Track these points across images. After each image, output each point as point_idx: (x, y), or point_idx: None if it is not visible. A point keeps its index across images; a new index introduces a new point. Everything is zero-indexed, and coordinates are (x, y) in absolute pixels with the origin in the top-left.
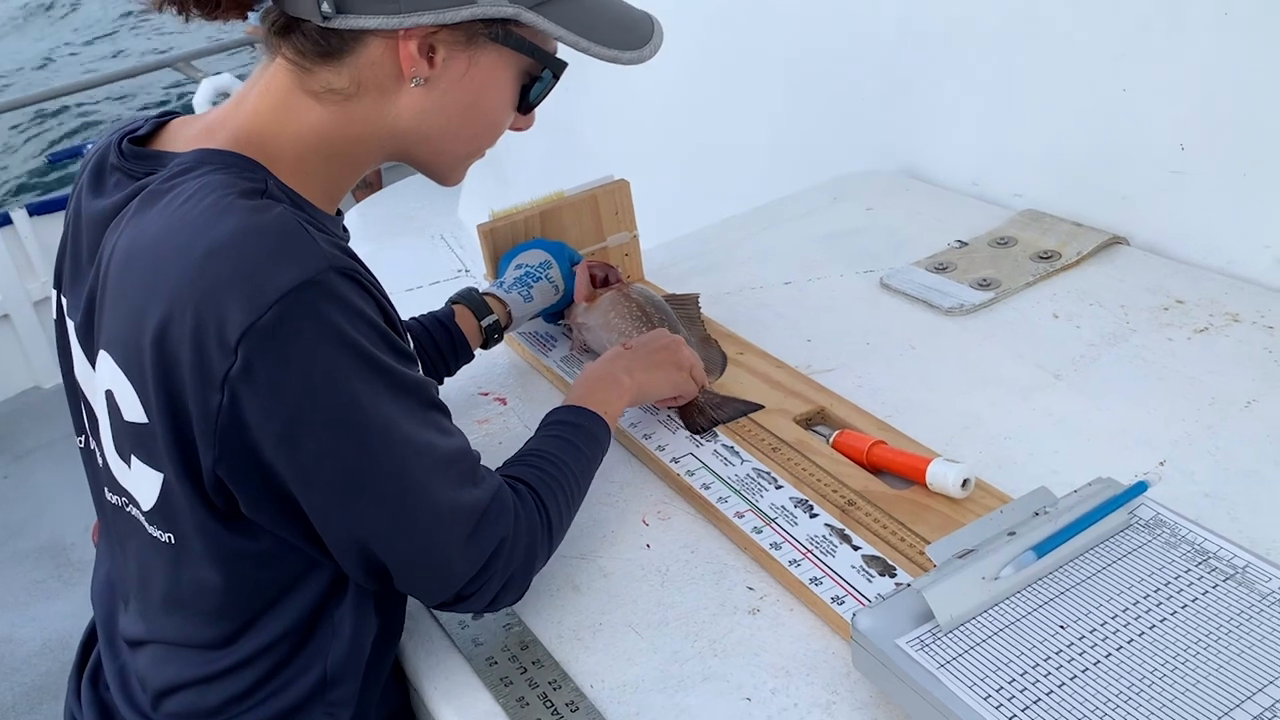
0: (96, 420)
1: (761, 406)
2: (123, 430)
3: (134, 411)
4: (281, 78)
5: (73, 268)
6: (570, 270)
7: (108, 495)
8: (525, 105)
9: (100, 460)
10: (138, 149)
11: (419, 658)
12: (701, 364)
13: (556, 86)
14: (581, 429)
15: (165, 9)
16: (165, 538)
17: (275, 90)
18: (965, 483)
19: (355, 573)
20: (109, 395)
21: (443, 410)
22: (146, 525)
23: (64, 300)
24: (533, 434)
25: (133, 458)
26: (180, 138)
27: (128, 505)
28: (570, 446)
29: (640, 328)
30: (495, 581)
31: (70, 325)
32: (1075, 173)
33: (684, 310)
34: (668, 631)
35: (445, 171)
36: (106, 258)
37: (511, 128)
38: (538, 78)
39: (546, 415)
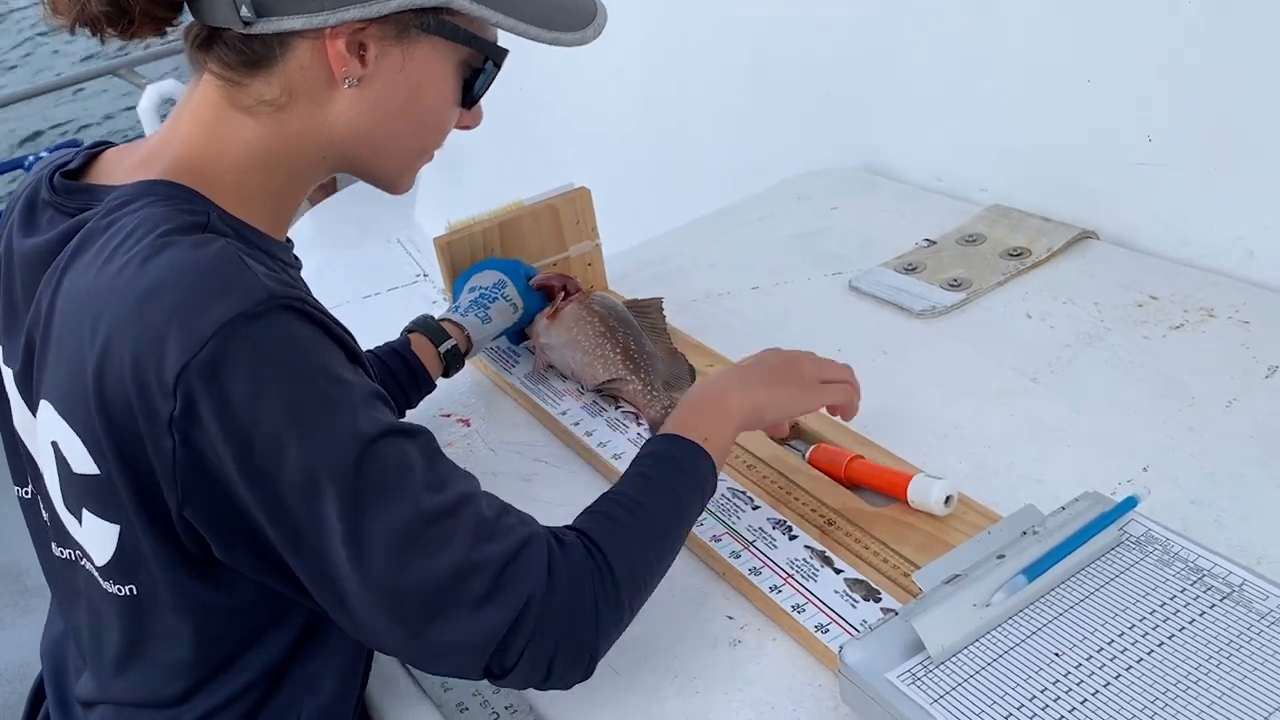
0: (40, 472)
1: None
2: (71, 483)
3: (83, 463)
4: (210, 95)
5: (6, 312)
6: (527, 286)
7: (55, 550)
8: (469, 99)
9: (45, 514)
10: (70, 184)
11: (385, 704)
12: (836, 373)
13: (515, 87)
14: (674, 462)
15: (78, 30)
16: (124, 590)
17: (206, 110)
18: (948, 499)
19: (348, 629)
20: (54, 446)
21: (424, 449)
22: (101, 580)
23: None
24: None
25: (84, 511)
26: (118, 169)
27: (80, 559)
28: (654, 486)
29: (604, 343)
30: (535, 651)
31: (7, 372)
32: (1041, 166)
33: (647, 319)
34: (646, 668)
35: (392, 177)
36: (46, 302)
37: (458, 126)
38: (479, 69)
39: (644, 446)
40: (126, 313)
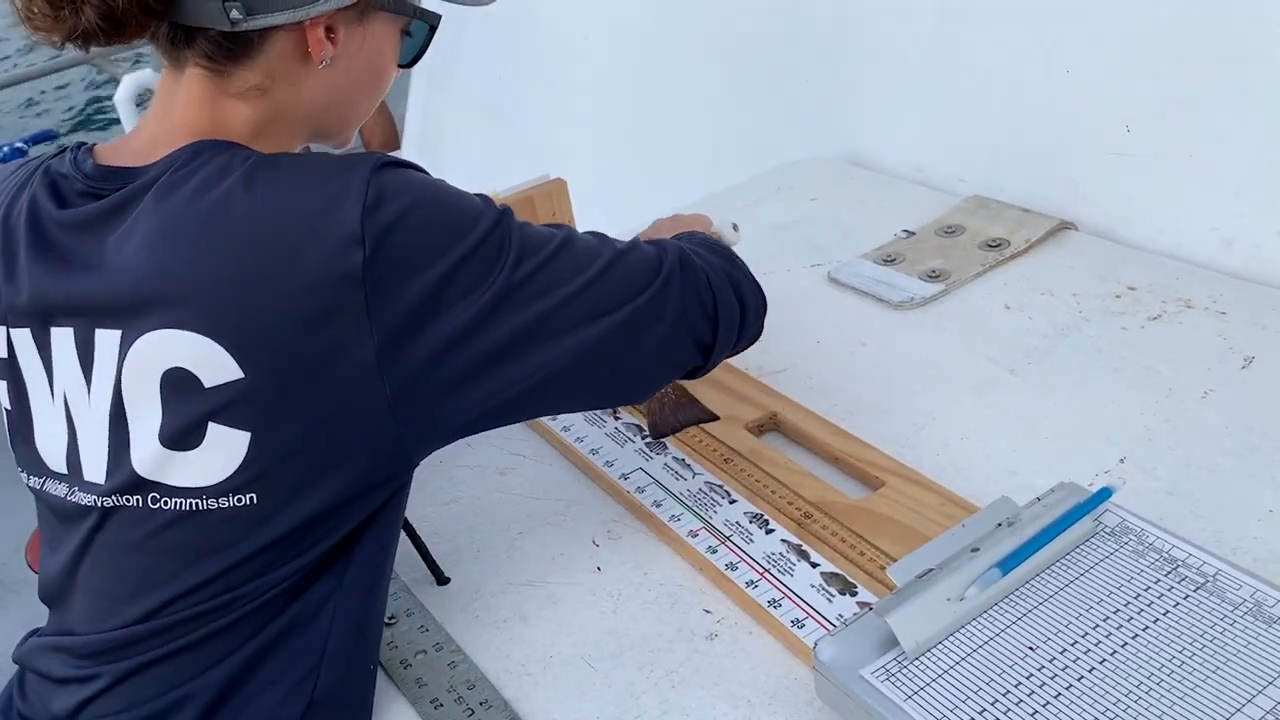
0: (80, 442)
1: (717, 418)
2: (193, 405)
3: (221, 372)
4: (201, 84)
5: (52, 270)
6: None
7: (117, 499)
8: (410, 62)
9: (103, 463)
10: (103, 168)
11: None
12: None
13: (495, 78)
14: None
15: (67, 46)
16: (244, 499)
17: (200, 98)
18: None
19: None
20: (169, 376)
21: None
22: (206, 501)
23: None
24: None
25: (210, 426)
26: (125, 155)
27: (159, 499)
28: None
29: None
30: (705, 282)
31: (52, 336)
32: (1020, 157)
33: None
34: (622, 662)
35: (347, 137)
36: (132, 249)
37: None
38: (407, 32)
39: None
40: (279, 207)
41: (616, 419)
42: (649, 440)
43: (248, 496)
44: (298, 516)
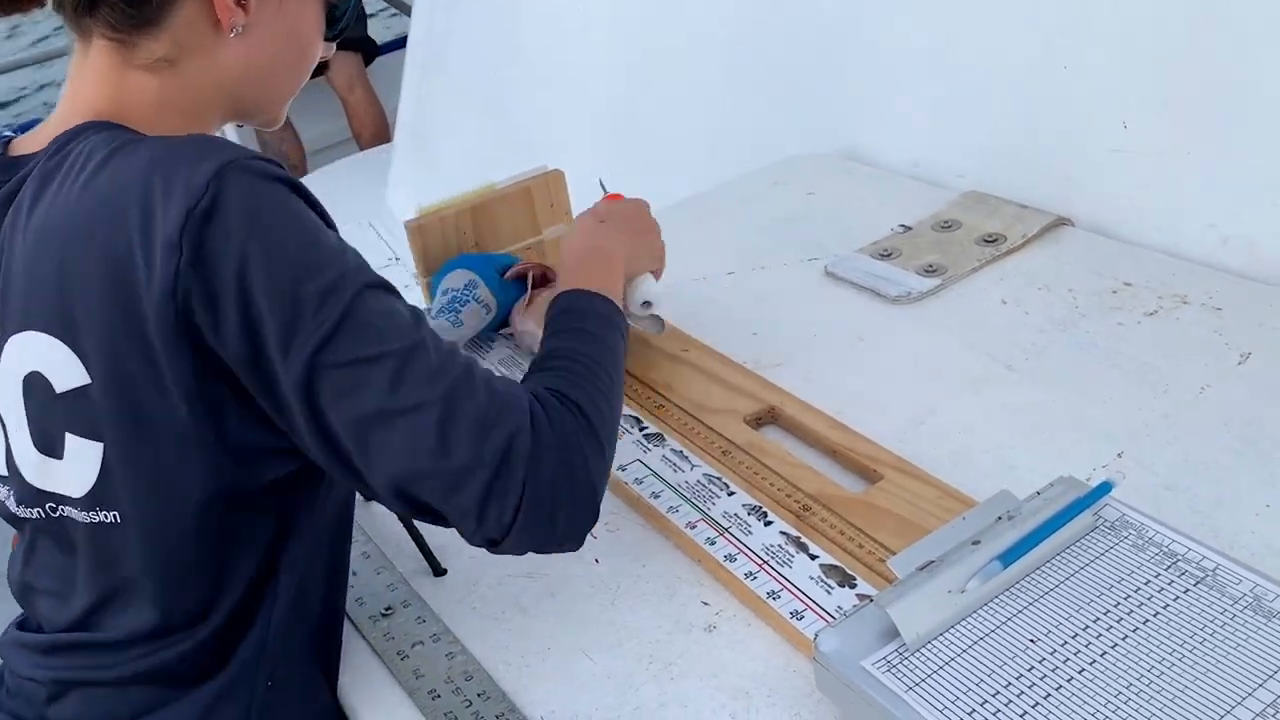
0: (4, 426)
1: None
2: (53, 410)
3: (70, 378)
4: (106, 58)
5: None
6: (501, 279)
7: (21, 511)
8: (333, 33)
9: (7, 486)
10: (7, 159)
11: (356, 692)
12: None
13: (491, 70)
14: (590, 314)
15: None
16: (109, 517)
17: (105, 73)
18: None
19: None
20: (30, 381)
21: (403, 303)
22: (80, 514)
23: None
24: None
25: (67, 437)
26: (34, 144)
27: (55, 509)
28: (585, 336)
29: None
30: (533, 490)
31: None
32: (1017, 152)
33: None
34: (621, 654)
35: (275, 115)
36: (7, 247)
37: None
38: (336, 3)
39: (547, 311)
40: (117, 197)
41: None
42: (647, 432)
43: (110, 514)
44: (174, 535)
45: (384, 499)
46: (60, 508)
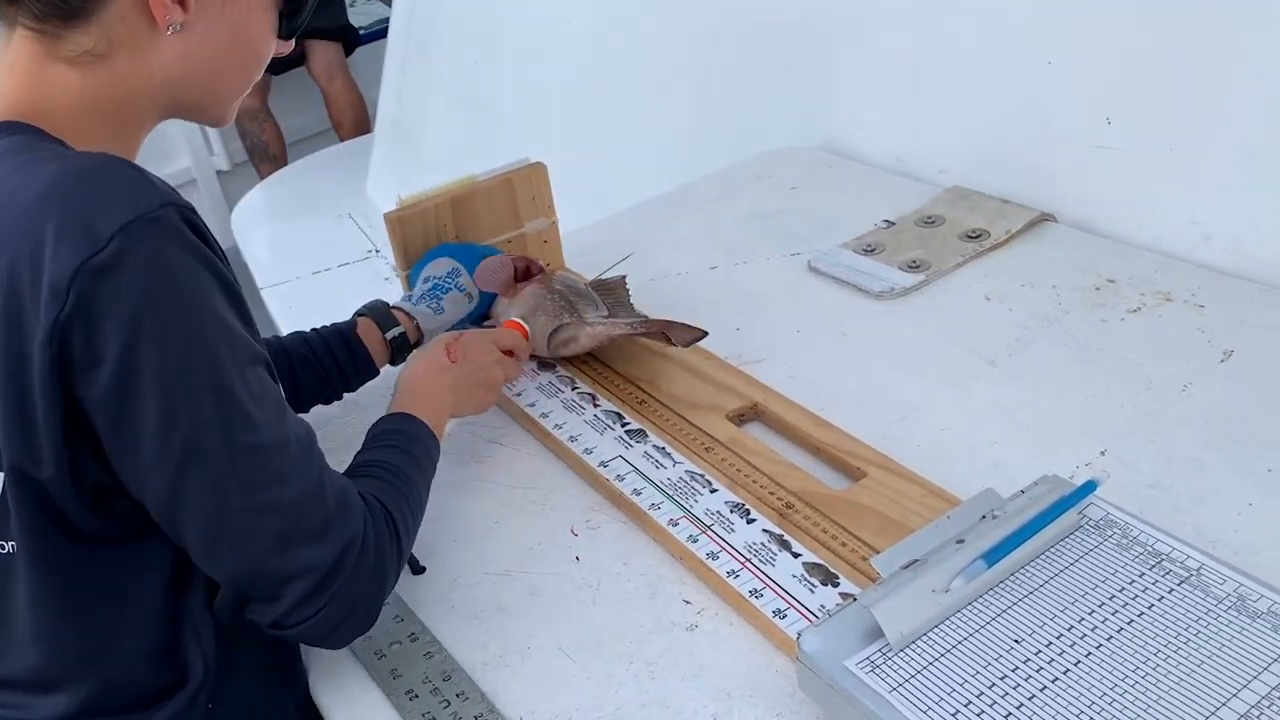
0: None
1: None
2: None
3: None
4: (27, 49)
5: None
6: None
7: None
8: (288, 30)
9: None
10: None
11: (331, 693)
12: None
13: (473, 62)
14: (418, 441)
15: None
16: (7, 546)
17: (25, 64)
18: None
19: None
20: None
21: (275, 387)
22: None
23: None
24: (362, 445)
25: None
26: None
27: None
28: (410, 459)
29: (560, 317)
30: (340, 600)
31: None
32: (1000, 147)
33: (613, 296)
34: (601, 653)
35: (220, 114)
36: None
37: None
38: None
39: (375, 425)
40: (13, 224)
41: (596, 406)
42: (629, 428)
43: (9, 544)
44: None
45: (211, 573)
46: None
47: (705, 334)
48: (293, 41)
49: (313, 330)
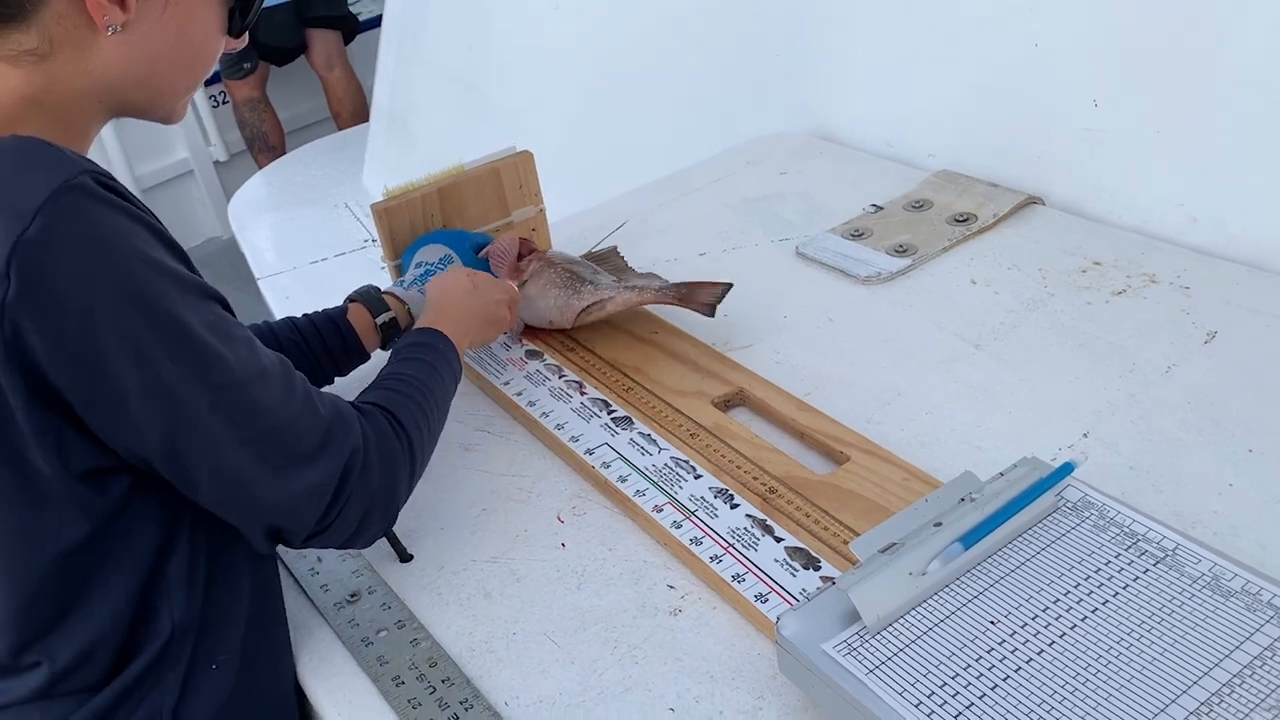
0: None
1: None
2: None
3: None
4: None
5: None
6: (474, 258)
7: None
8: (237, 28)
9: None
10: None
11: (318, 678)
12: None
13: (464, 49)
14: (438, 352)
15: None
16: None
17: None
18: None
19: (204, 499)
20: None
21: (237, 323)
22: None
23: None
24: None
25: None
26: None
27: None
28: (427, 368)
29: (576, 286)
30: (355, 505)
31: None
32: (989, 131)
33: (609, 264)
34: (586, 638)
35: (167, 113)
36: None
37: (225, 50)
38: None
39: (402, 336)
40: None
41: (583, 393)
42: (615, 415)
43: None
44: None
45: (226, 518)
46: None
47: (729, 285)
48: (245, 37)
49: (303, 315)
